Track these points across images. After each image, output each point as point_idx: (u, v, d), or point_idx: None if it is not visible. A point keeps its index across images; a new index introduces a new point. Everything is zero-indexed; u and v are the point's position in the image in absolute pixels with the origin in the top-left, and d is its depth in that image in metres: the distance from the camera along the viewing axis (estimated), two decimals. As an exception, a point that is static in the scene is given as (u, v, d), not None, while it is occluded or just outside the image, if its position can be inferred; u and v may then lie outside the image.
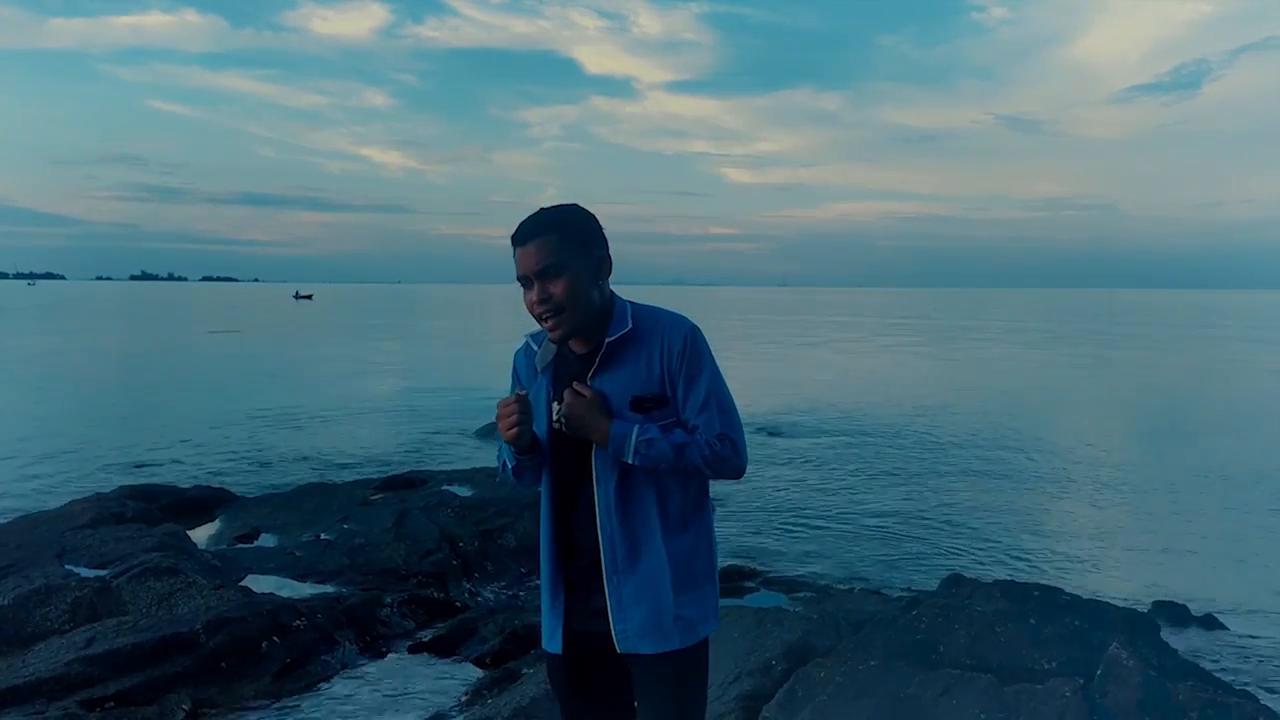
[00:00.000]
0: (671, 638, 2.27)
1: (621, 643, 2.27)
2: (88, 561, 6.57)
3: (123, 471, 11.72)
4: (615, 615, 2.27)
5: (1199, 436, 16.03)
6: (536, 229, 2.24)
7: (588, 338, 2.32)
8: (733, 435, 2.28)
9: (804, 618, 5.36)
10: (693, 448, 2.23)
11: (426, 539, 7.36)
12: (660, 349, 2.28)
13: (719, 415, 2.28)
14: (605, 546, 2.28)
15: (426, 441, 14.38)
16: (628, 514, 2.28)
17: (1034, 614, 4.84)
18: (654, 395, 2.27)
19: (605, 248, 2.33)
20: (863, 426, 15.92)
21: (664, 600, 2.27)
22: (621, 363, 2.29)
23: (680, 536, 2.31)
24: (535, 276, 2.23)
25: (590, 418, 2.24)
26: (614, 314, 2.32)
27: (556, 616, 2.37)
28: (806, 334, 46.94)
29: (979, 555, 8.40)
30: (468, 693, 5.01)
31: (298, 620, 5.42)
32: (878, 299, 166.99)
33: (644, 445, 2.21)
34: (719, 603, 2.43)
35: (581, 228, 2.29)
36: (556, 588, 2.38)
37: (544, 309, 2.24)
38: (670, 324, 2.31)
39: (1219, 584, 7.59)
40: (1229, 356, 34.97)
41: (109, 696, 4.52)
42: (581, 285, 2.25)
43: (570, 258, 2.23)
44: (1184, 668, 4.26)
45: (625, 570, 2.28)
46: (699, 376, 2.28)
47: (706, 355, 2.31)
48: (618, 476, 2.28)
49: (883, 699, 4.15)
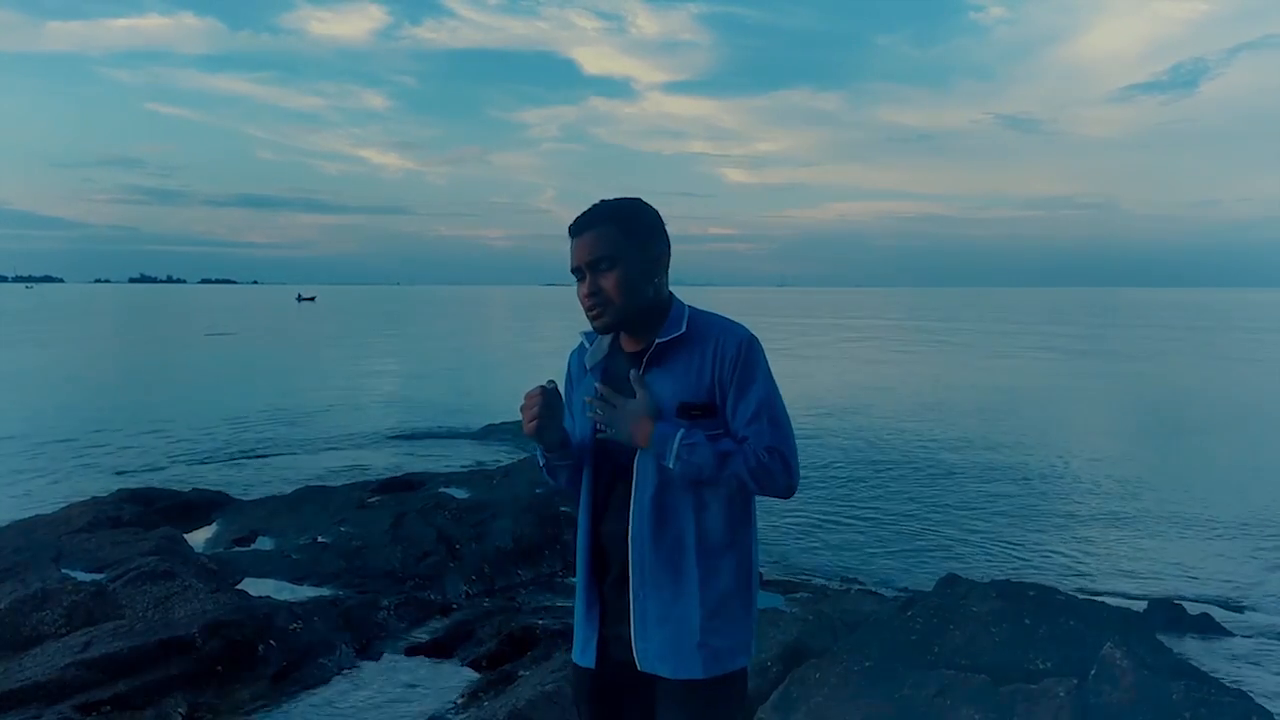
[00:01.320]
0: (693, 666, 2.14)
1: (642, 661, 2.18)
2: (84, 565, 6.58)
3: (119, 475, 11.73)
4: (637, 632, 2.18)
5: (1196, 434, 16.05)
6: (594, 220, 2.19)
7: (639, 335, 2.25)
8: (783, 450, 2.14)
9: (800, 618, 5.38)
10: (738, 458, 2.10)
11: (423, 541, 7.36)
12: (713, 355, 2.17)
13: (770, 427, 2.14)
14: (634, 559, 2.18)
15: (424, 443, 14.38)
16: (662, 527, 2.17)
17: (1029, 614, 4.85)
18: (702, 404, 2.16)
19: (665, 244, 2.25)
20: (858, 427, 15.93)
21: (689, 624, 2.15)
22: (671, 365, 2.20)
23: (716, 559, 2.18)
24: (587, 268, 2.18)
25: (634, 419, 2.15)
26: (669, 315, 2.24)
27: (591, 630, 2.28)
28: (805, 334, 46.97)
29: (975, 555, 8.42)
30: (464, 695, 5.01)
31: (294, 623, 5.42)
32: (875, 299, 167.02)
33: (686, 450, 2.10)
34: (755, 635, 2.28)
35: (640, 222, 2.22)
36: (591, 599, 2.29)
37: (592, 302, 2.18)
38: (726, 330, 2.21)
39: (1215, 584, 7.60)
40: (1230, 356, 34.99)
41: (105, 700, 4.52)
42: (633, 280, 2.18)
43: (625, 251, 2.17)
44: (1178, 667, 4.26)
45: (652, 587, 2.17)
46: (751, 386, 2.16)
47: (761, 365, 2.19)
48: (656, 485, 2.17)
49: (878, 700, 4.16)
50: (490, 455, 13.05)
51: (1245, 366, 30.08)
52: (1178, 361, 32.24)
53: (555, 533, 7.87)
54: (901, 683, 4.24)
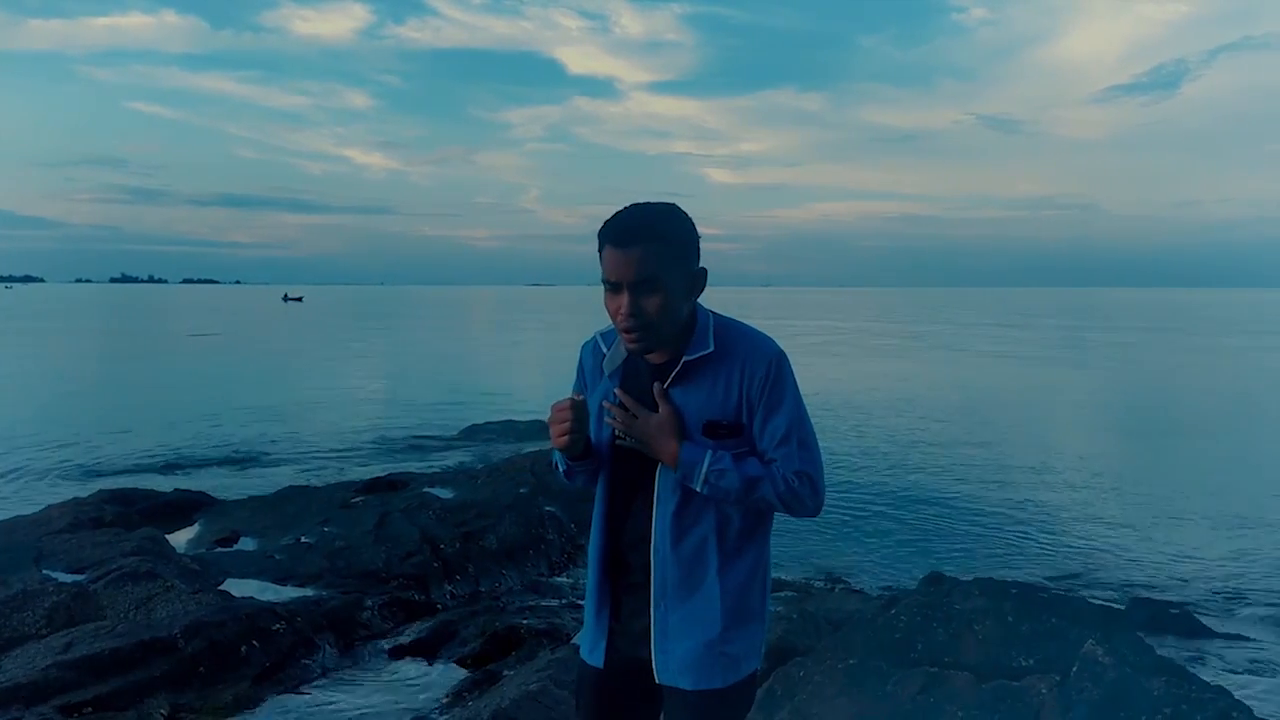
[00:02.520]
0: (714, 676, 2.13)
1: (661, 674, 2.15)
2: (65, 566, 6.54)
3: (101, 476, 11.66)
4: (658, 645, 2.15)
5: (1178, 434, 16.17)
6: (641, 234, 2.04)
7: (664, 348, 2.16)
8: (811, 473, 2.11)
9: (784, 617, 5.39)
10: (767, 482, 2.07)
11: (407, 541, 7.34)
12: (741, 373, 2.11)
13: (799, 450, 2.10)
14: (656, 572, 2.15)
15: (408, 444, 14.35)
16: (684, 540, 2.14)
17: (1012, 612, 4.87)
18: (729, 423, 2.11)
19: (700, 261, 2.14)
20: (841, 426, 15.97)
21: (710, 636, 2.13)
22: (698, 382, 2.13)
23: (736, 570, 2.17)
24: (629, 288, 2.04)
25: (660, 436, 2.10)
26: (695, 328, 2.15)
27: (600, 630, 2.26)
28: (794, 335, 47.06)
29: (958, 554, 8.46)
30: (448, 695, 5.00)
31: (277, 624, 5.40)
32: (859, 299, 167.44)
33: (715, 475, 2.06)
34: (765, 639, 2.28)
35: (685, 239, 2.10)
36: (603, 600, 2.26)
37: (632, 322, 2.06)
38: (754, 347, 2.14)
39: (1195, 582, 7.66)
40: (1210, 355, 35.23)
41: (87, 701, 4.49)
42: (676, 303, 2.08)
43: (670, 272, 2.05)
44: (1159, 664, 4.29)
45: (674, 600, 2.14)
46: (780, 406, 2.11)
47: (790, 384, 2.14)
48: (679, 499, 2.13)
49: (861, 697, 4.17)
50: (475, 455, 13.03)
51: (1223, 367, 30.29)
52: (1152, 362, 32.44)
53: (540, 533, 7.87)
54: (885, 680, 4.25)
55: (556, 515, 8.26)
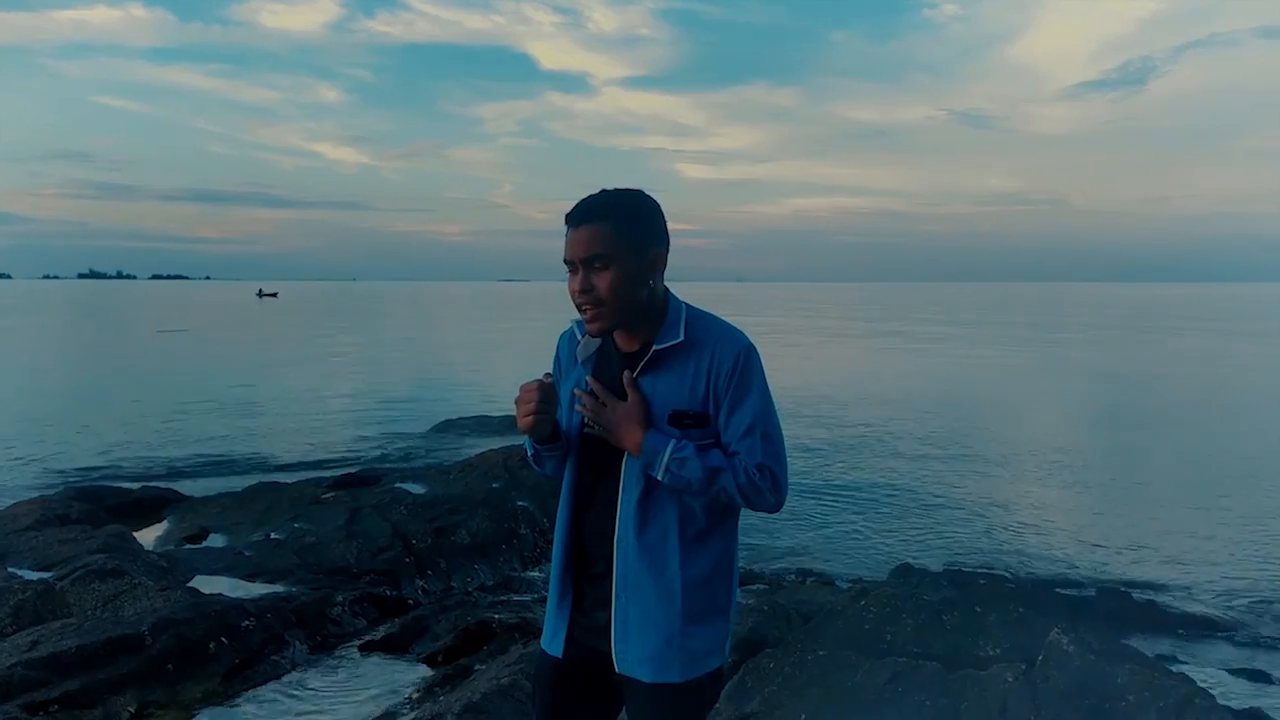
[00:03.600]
0: (672, 669, 2.14)
1: (620, 664, 2.17)
2: (31, 564, 6.48)
3: (68, 473, 11.53)
4: (617, 636, 2.17)
5: (1141, 426, 16.36)
6: (591, 213, 2.09)
7: (634, 335, 2.19)
8: (773, 467, 2.13)
9: (755, 609, 5.42)
10: (728, 474, 2.08)
11: (378, 537, 7.32)
12: (709, 364, 2.12)
13: (762, 443, 2.12)
14: (619, 563, 2.16)
15: (379, 439, 14.28)
16: (646, 531, 2.15)
17: (979, 602, 4.93)
18: (695, 413, 2.12)
19: (664, 244, 2.16)
20: (810, 419, 16.04)
21: (670, 629, 2.14)
22: (667, 372, 2.15)
23: (698, 564, 2.17)
24: (580, 264, 2.09)
25: (625, 424, 2.12)
26: (667, 317, 2.18)
27: (561, 620, 2.27)
28: (767, 330, 47.21)
29: (927, 545, 8.52)
30: (419, 690, 4.99)
31: (247, 620, 5.37)
32: (832, 294, 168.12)
33: (676, 464, 2.07)
34: (730, 636, 2.27)
35: (640, 219, 2.13)
36: (565, 590, 2.28)
37: (584, 299, 2.10)
38: (724, 338, 2.16)
39: (1160, 569, 7.76)
40: (1176, 349, 35.64)
41: (53, 700, 4.45)
42: (627, 282, 2.09)
43: (620, 251, 2.08)
44: (1124, 651, 4.34)
45: (635, 591, 2.15)
46: (745, 399, 2.12)
47: (758, 378, 2.15)
48: (643, 489, 2.15)
49: (830, 688, 4.20)
50: (447, 451, 12.99)
51: (1193, 362, 30.67)
52: (1125, 355, 32.78)
53: (512, 528, 7.86)
54: (854, 671, 4.29)
55: (529, 510, 8.25)
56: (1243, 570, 7.78)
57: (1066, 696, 3.93)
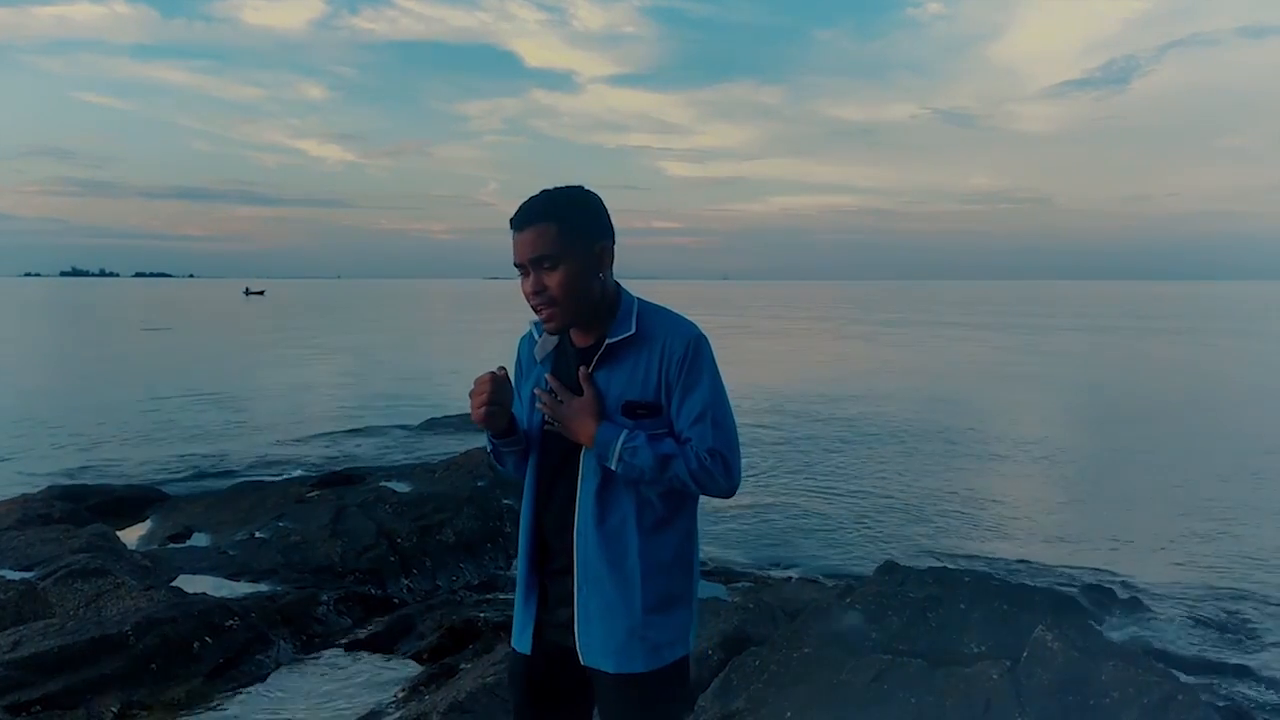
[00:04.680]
0: (635, 660, 2.17)
1: (585, 655, 2.20)
2: (13, 564, 6.44)
3: (51, 472, 11.43)
4: (581, 628, 2.20)
5: (1127, 423, 16.44)
6: (535, 215, 2.14)
7: (588, 330, 2.24)
8: (725, 452, 2.15)
9: (740, 607, 5.42)
10: (679, 460, 2.12)
11: (364, 535, 7.29)
12: (661, 354, 2.17)
13: (713, 429, 2.15)
14: (579, 555, 2.20)
15: (364, 438, 14.23)
16: (605, 522, 2.19)
17: (964, 599, 4.94)
18: (648, 402, 2.17)
19: (609, 237, 2.22)
20: (795, 416, 16.07)
21: (631, 620, 2.17)
22: (620, 364, 2.20)
23: (657, 554, 2.21)
24: (530, 265, 2.14)
25: (579, 417, 2.16)
26: (619, 311, 2.23)
27: (528, 616, 2.31)
28: (747, 327, 47.27)
29: (913, 542, 8.54)
30: (405, 689, 4.98)
31: (231, 620, 5.35)
32: (817, 292, 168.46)
33: (628, 452, 2.12)
34: (694, 627, 2.30)
35: (583, 216, 2.18)
36: (531, 586, 2.31)
37: (538, 300, 2.16)
38: (674, 328, 2.21)
39: (1144, 567, 7.79)
40: (1162, 347, 35.85)
41: (35, 700, 4.43)
42: (578, 279, 2.15)
43: (568, 249, 2.13)
44: (1107, 649, 4.37)
45: (595, 583, 2.19)
46: (696, 387, 2.16)
47: (708, 366, 2.19)
48: (599, 481, 2.19)
49: (816, 685, 4.21)
50: (432, 449, 12.95)
51: (1171, 357, 30.84)
52: (1109, 352, 32.95)
53: (497, 526, 7.84)
54: (840, 668, 4.30)
55: (514, 508, 8.22)
56: (1226, 567, 7.82)
57: (1050, 693, 3.95)
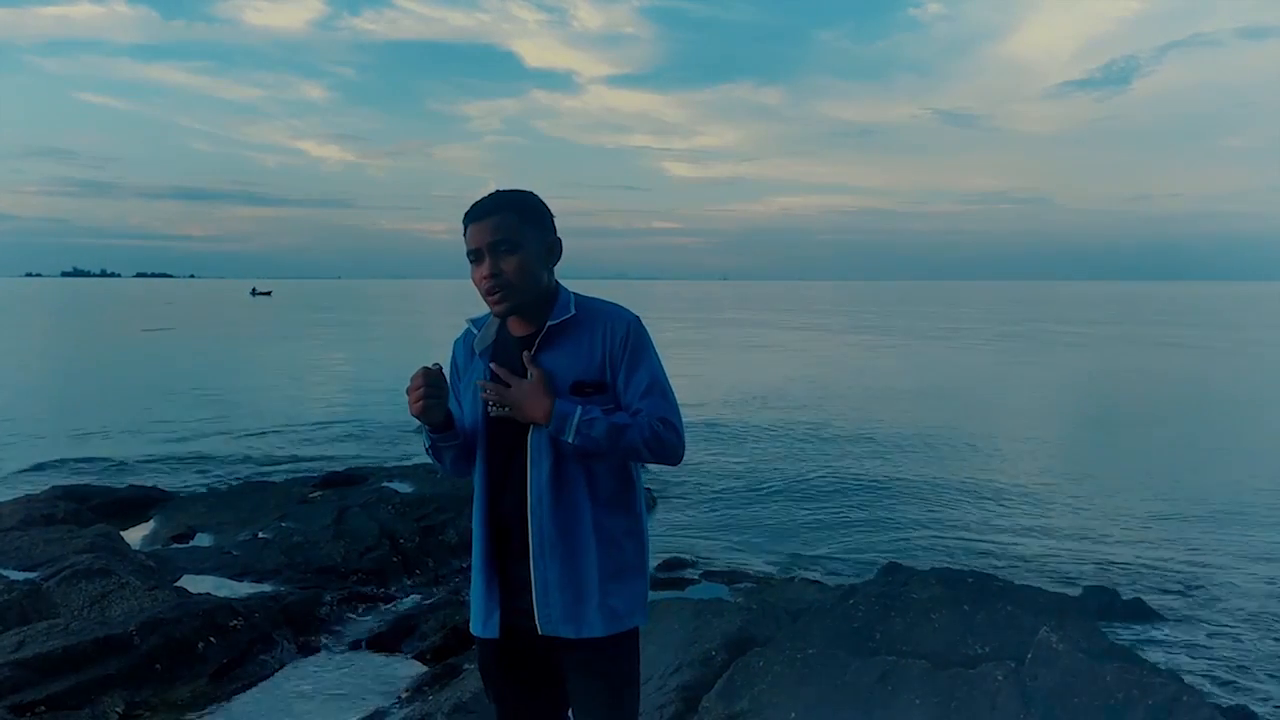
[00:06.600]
0: (595, 625, 2.28)
1: (544, 625, 2.28)
2: (17, 564, 6.44)
3: (54, 472, 11.45)
4: (539, 598, 2.28)
5: (1128, 427, 16.43)
6: (495, 206, 2.29)
7: (529, 319, 2.35)
8: (674, 420, 2.29)
9: (743, 608, 5.41)
10: (634, 429, 2.24)
11: (366, 536, 7.30)
12: (603, 335, 2.31)
13: (661, 399, 2.30)
14: (534, 532, 2.29)
15: (366, 438, 14.25)
16: (559, 498, 2.29)
17: (968, 600, 4.94)
18: (595, 381, 2.29)
19: (558, 237, 2.38)
20: (800, 419, 16.06)
21: (589, 587, 2.28)
22: (562, 346, 2.32)
23: (610, 526, 2.33)
24: (488, 250, 2.26)
25: (532, 397, 2.25)
26: (558, 300, 2.36)
27: (492, 601, 2.37)
28: (746, 327, 47.24)
29: (916, 543, 8.53)
30: (408, 689, 4.98)
31: (235, 620, 5.35)
32: (817, 292, 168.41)
33: (585, 425, 2.21)
34: (649, 598, 2.43)
35: (537, 211, 2.34)
36: (491, 573, 2.37)
37: (493, 283, 2.27)
38: (613, 313, 2.36)
39: (1148, 570, 7.78)
40: (1161, 350, 35.82)
41: (40, 700, 4.43)
42: (533, 265, 2.29)
43: (526, 237, 2.28)
44: (1112, 650, 4.37)
45: (551, 554, 2.28)
46: (641, 363, 2.31)
47: (649, 344, 2.35)
48: (552, 460, 2.28)
49: (820, 686, 4.20)
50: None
51: (1189, 357, 30.82)
52: (1114, 353, 32.93)
53: (500, 526, 7.84)
54: (844, 669, 4.29)
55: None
56: (1231, 569, 7.81)
57: (1055, 695, 3.94)
